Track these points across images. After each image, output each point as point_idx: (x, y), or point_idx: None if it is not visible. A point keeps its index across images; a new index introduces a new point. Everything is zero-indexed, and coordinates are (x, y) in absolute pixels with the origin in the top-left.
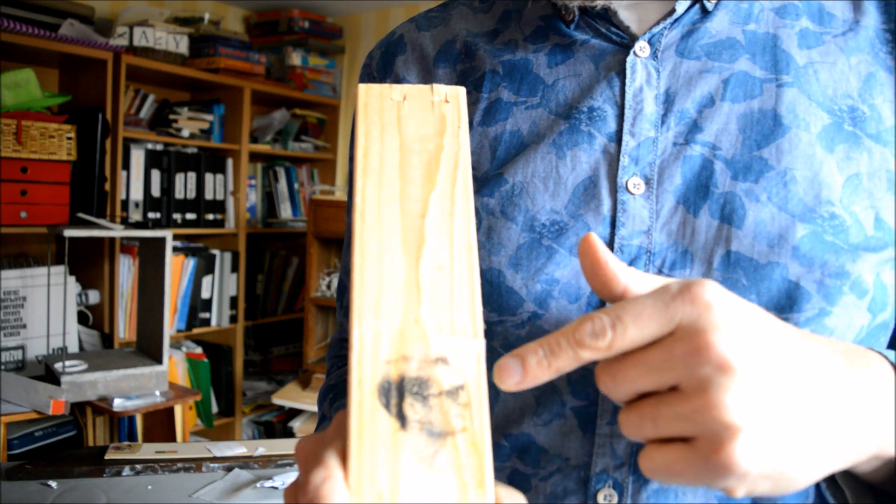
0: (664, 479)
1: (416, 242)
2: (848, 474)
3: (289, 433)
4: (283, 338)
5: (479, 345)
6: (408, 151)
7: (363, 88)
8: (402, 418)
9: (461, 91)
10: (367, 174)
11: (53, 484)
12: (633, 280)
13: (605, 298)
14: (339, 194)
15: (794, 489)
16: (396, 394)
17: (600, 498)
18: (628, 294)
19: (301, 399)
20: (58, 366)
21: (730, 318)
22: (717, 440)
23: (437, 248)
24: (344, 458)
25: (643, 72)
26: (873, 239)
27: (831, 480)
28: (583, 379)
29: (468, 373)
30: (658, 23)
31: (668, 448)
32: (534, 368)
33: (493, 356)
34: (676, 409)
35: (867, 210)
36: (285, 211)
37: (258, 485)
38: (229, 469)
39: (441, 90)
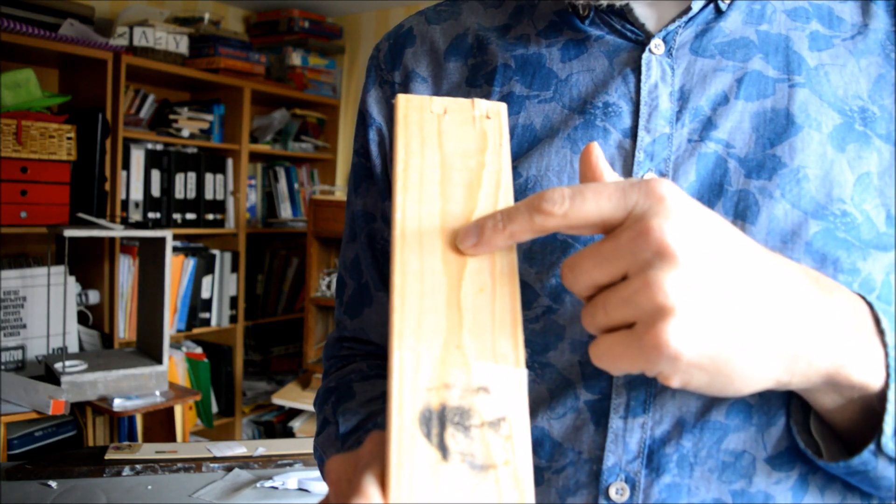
0: (609, 366)
1: (458, 263)
2: (822, 424)
3: (289, 433)
4: (283, 338)
5: (521, 375)
6: (449, 167)
7: (402, 99)
8: (443, 449)
9: (502, 108)
10: (408, 189)
11: (53, 484)
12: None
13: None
14: (339, 194)
15: (733, 390)
16: (438, 423)
17: (612, 491)
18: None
19: (301, 399)
20: (58, 366)
21: (678, 210)
22: (650, 320)
23: (479, 270)
24: (383, 485)
25: (658, 69)
26: (885, 236)
27: (806, 431)
28: (596, 373)
29: (510, 404)
30: (673, 21)
31: (612, 334)
32: (489, 231)
33: None
34: (621, 293)
35: (878, 208)
36: (285, 211)
37: (258, 485)
38: (229, 469)
39: (482, 105)
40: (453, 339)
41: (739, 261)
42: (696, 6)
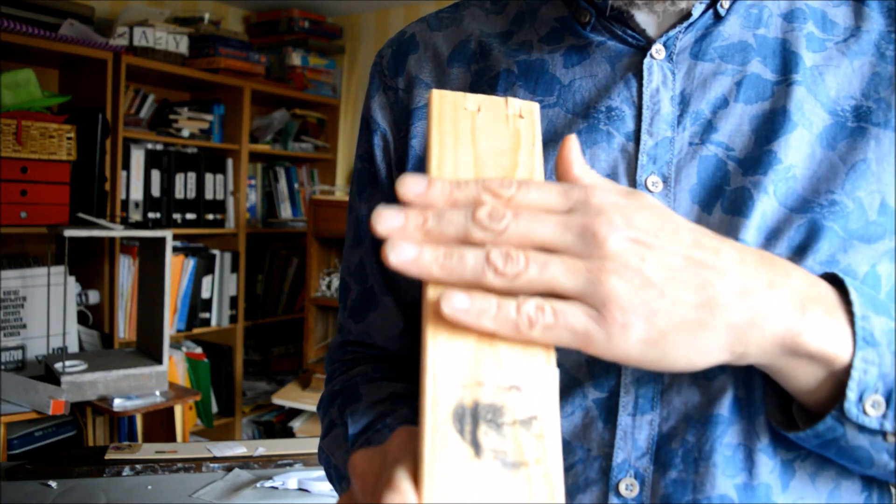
0: (547, 330)
1: None
2: (801, 409)
3: (289, 433)
4: (283, 338)
5: (553, 373)
6: (482, 166)
7: (437, 95)
8: (476, 446)
9: (535, 108)
10: None
11: (53, 484)
12: (589, 176)
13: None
14: (339, 194)
15: (683, 366)
16: (471, 420)
17: (622, 488)
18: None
19: (301, 399)
20: (58, 366)
21: (629, 204)
22: (605, 292)
23: None
24: (415, 480)
25: (659, 73)
26: (874, 226)
27: (781, 412)
28: (604, 371)
29: (541, 403)
30: (673, 26)
31: (557, 299)
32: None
33: None
34: (567, 262)
35: (873, 195)
36: (285, 211)
37: (258, 485)
38: (229, 469)
39: (515, 104)
40: (486, 338)
41: (690, 232)
42: (696, 12)
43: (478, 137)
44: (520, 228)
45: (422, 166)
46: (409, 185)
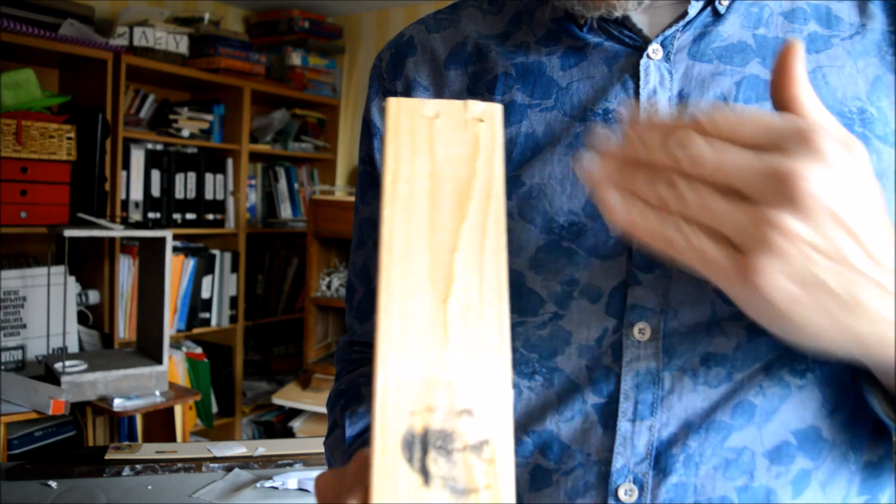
0: (688, 258)
1: (445, 279)
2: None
3: (289, 433)
4: (283, 338)
5: (507, 396)
6: (439, 177)
7: (393, 103)
8: (425, 474)
9: (496, 110)
10: (396, 201)
11: (53, 484)
12: (812, 104)
13: (780, 109)
14: (340, 194)
15: (811, 328)
16: (420, 447)
17: (621, 493)
18: (802, 111)
19: (301, 399)
20: (58, 366)
21: (831, 179)
22: (758, 259)
23: (467, 286)
24: None
25: (656, 74)
26: None
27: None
28: (603, 377)
29: (494, 426)
30: (670, 25)
31: (711, 240)
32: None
33: (515, 357)
34: (739, 216)
35: None
36: (285, 211)
37: (258, 485)
38: (229, 469)
39: (476, 108)
40: (438, 360)
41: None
42: (692, 9)
43: (435, 146)
44: (710, 166)
45: None
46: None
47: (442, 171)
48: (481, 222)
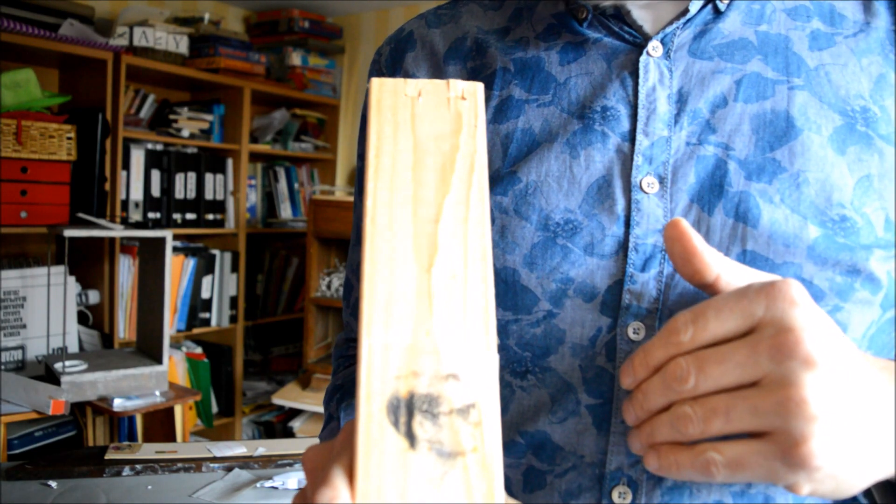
0: (731, 475)
1: (429, 249)
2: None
3: (289, 433)
4: (283, 338)
5: (492, 360)
6: (422, 152)
7: (376, 83)
8: (411, 437)
9: (479, 87)
10: (379, 176)
11: (53, 484)
12: (726, 269)
13: (696, 286)
14: (339, 194)
15: (851, 491)
16: (406, 411)
17: (615, 495)
18: (720, 283)
19: (301, 399)
20: (58, 366)
21: (813, 317)
22: (798, 434)
23: (451, 256)
24: (351, 475)
25: (656, 71)
26: (883, 240)
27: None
28: (598, 377)
29: (480, 390)
30: (671, 22)
31: (739, 443)
32: (639, 367)
33: (508, 354)
34: (755, 402)
35: (878, 211)
36: (285, 211)
37: (258, 485)
38: (229, 469)
39: (458, 86)
40: (423, 327)
41: (857, 366)
42: (693, 7)
43: (418, 123)
44: (707, 384)
45: None
46: (624, 379)
47: (425, 146)
48: (464, 195)
